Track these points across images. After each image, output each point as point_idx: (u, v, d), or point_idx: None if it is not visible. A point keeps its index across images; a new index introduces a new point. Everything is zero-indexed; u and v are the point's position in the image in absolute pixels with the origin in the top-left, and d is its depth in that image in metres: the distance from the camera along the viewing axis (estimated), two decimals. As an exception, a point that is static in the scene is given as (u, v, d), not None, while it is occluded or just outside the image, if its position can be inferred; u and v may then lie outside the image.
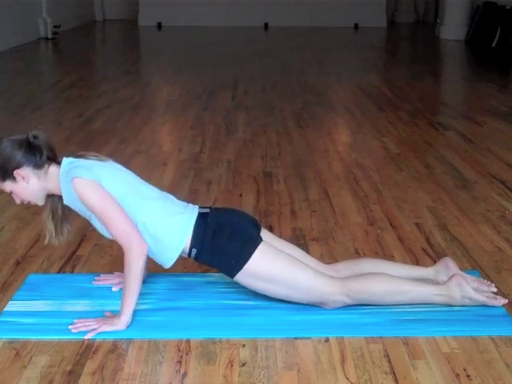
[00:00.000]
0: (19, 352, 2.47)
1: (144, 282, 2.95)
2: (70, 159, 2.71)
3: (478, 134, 5.63)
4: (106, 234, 2.74)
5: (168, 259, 2.72)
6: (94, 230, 3.54)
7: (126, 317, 2.59)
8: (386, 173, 4.57)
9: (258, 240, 2.70)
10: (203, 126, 5.87)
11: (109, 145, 5.24)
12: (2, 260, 3.20)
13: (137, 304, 2.72)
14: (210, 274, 3.08)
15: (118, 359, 2.43)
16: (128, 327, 2.60)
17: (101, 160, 2.73)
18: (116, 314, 2.63)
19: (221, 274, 3.06)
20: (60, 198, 2.73)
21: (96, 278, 3.01)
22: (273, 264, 2.67)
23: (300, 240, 3.44)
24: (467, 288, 2.73)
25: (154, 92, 7.88)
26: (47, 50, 11.22)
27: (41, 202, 2.75)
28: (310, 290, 2.68)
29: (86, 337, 2.54)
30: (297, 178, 4.45)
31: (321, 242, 3.43)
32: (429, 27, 14.38)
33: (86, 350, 2.49)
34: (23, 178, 2.65)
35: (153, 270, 3.08)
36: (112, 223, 2.59)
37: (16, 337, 2.56)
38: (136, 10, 15.10)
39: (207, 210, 2.76)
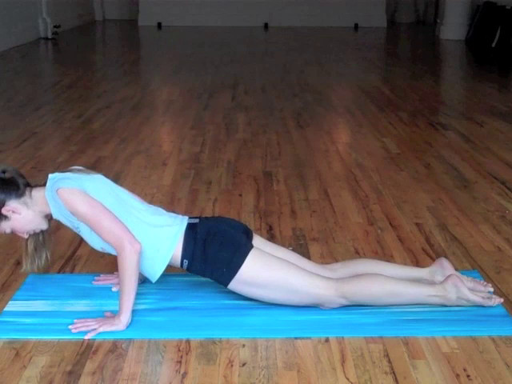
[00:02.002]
0: (19, 352, 2.47)
1: (144, 281, 2.95)
2: (56, 174, 2.71)
3: (478, 134, 5.63)
4: (95, 246, 2.73)
5: (155, 272, 2.71)
6: (93, 229, 3.56)
7: (125, 316, 2.59)
8: (386, 173, 4.57)
9: (248, 247, 2.69)
10: (203, 126, 5.88)
11: (109, 145, 5.24)
12: (1, 260, 3.20)
13: (137, 304, 2.72)
14: (210, 273, 3.08)
15: (118, 359, 2.43)
16: (128, 327, 2.59)
17: (87, 173, 2.73)
18: (116, 314, 2.63)
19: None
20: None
21: (96, 278, 3.01)
22: (265, 270, 2.66)
23: (300, 240, 3.44)
24: (463, 289, 2.73)
25: (154, 92, 7.87)
26: (47, 50, 11.22)
27: (45, 226, 2.75)
28: (305, 293, 2.68)
29: (86, 337, 2.54)
30: (297, 178, 4.45)
31: (321, 242, 3.43)
32: (429, 27, 14.39)
33: (86, 349, 2.49)
34: (13, 212, 2.66)
35: (153, 269, 3.08)
36: (102, 228, 2.58)
37: (16, 337, 2.56)
38: (136, 10, 15.11)
39: (197, 221, 2.75)
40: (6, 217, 2.67)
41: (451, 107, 6.92)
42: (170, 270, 3.12)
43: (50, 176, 2.70)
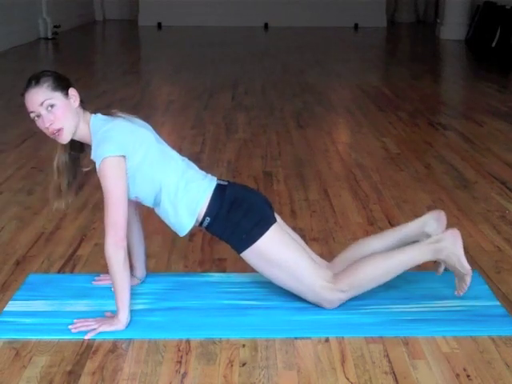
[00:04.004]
0: (19, 352, 2.47)
1: (144, 281, 2.96)
2: (100, 116, 2.68)
3: (478, 133, 5.63)
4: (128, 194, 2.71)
5: (183, 226, 2.71)
6: (94, 229, 3.56)
7: (122, 315, 2.59)
8: (386, 173, 4.57)
9: (272, 220, 2.72)
10: (203, 126, 5.88)
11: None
12: (1, 260, 3.20)
13: (137, 304, 2.73)
14: (210, 274, 3.08)
15: (118, 359, 2.43)
16: (128, 327, 2.59)
17: (130, 121, 2.70)
18: (115, 314, 2.63)
19: (221, 274, 3.07)
20: (69, 154, 2.71)
21: (96, 278, 3.01)
22: (281, 247, 2.68)
23: (300, 240, 3.44)
24: (460, 248, 2.70)
25: (154, 92, 7.87)
26: (47, 50, 11.22)
27: (68, 136, 2.62)
28: (309, 283, 2.69)
29: (85, 337, 2.54)
30: (297, 178, 4.45)
31: (321, 242, 3.43)
32: (429, 27, 14.38)
33: (86, 349, 2.48)
34: (75, 98, 2.63)
35: (153, 269, 3.09)
36: (109, 208, 2.57)
37: (16, 337, 2.56)
38: (136, 10, 15.11)
39: (226, 183, 2.77)
40: (67, 95, 2.62)
41: (451, 107, 6.92)
42: (169, 270, 3.13)
43: (94, 117, 2.67)
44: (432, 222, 2.84)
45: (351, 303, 2.78)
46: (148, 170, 2.66)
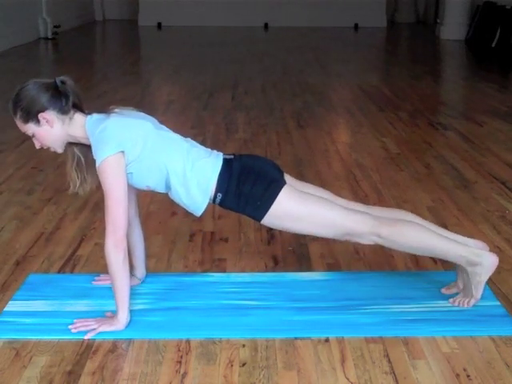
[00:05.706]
0: (19, 352, 2.47)
1: (144, 281, 2.96)
2: (94, 116, 2.68)
3: (478, 133, 5.63)
4: (138, 184, 2.72)
5: (198, 206, 2.72)
6: (94, 229, 3.56)
7: (122, 315, 2.59)
8: (386, 173, 4.57)
9: (282, 182, 2.73)
10: (203, 126, 5.88)
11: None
12: (2, 260, 3.20)
13: (137, 304, 2.73)
14: (210, 274, 3.08)
15: (118, 359, 2.43)
16: (128, 327, 2.59)
17: (123, 115, 2.70)
18: (115, 314, 2.63)
19: (221, 274, 3.07)
20: (83, 147, 2.72)
21: (96, 278, 3.01)
22: (298, 204, 2.70)
23: (300, 240, 3.44)
24: (488, 274, 2.72)
25: (154, 92, 7.88)
26: (47, 50, 11.22)
27: (60, 150, 2.74)
28: (339, 225, 2.70)
29: (85, 337, 2.54)
30: (297, 178, 4.43)
31: (321, 242, 3.42)
32: (429, 27, 14.38)
33: (86, 349, 2.48)
34: (47, 121, 2.64)
35: (153, 269, 3.09)
36: (109, 209, 2.56)
37: (16, 337, 2.55)
38: (136, 10, 15.12)
39: (231, 157, 2.77)
40: (38, 121, 2.65)
41: (451, 107, 6.92)
42: (169, 270, 3.13)
43: (88, 120, 2.66)
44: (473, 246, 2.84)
45: (351, 303, 2.78)
46: (150, 157, 2.65)
